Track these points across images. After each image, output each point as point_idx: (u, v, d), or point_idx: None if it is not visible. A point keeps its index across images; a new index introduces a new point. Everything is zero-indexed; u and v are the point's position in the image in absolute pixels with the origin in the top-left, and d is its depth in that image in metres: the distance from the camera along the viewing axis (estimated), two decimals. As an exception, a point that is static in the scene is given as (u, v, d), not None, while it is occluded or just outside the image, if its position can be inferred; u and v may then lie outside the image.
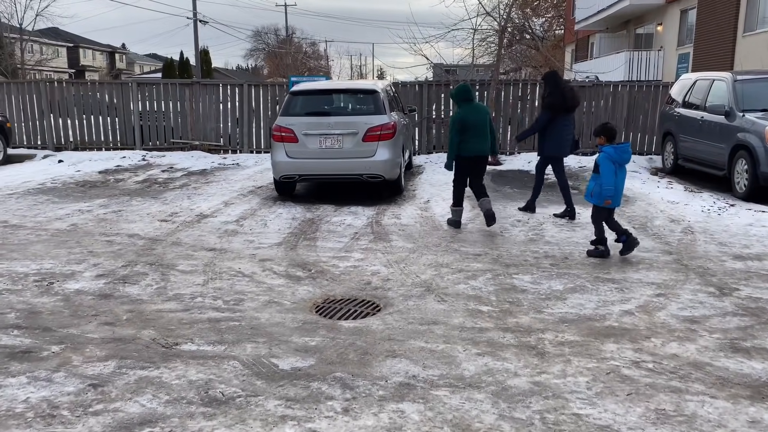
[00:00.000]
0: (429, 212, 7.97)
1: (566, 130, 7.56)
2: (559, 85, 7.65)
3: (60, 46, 65.72)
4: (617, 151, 5.76)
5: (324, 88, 9.11)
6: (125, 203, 8.51)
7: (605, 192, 5.73)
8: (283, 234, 6.87)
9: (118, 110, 14.47)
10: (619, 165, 5.75)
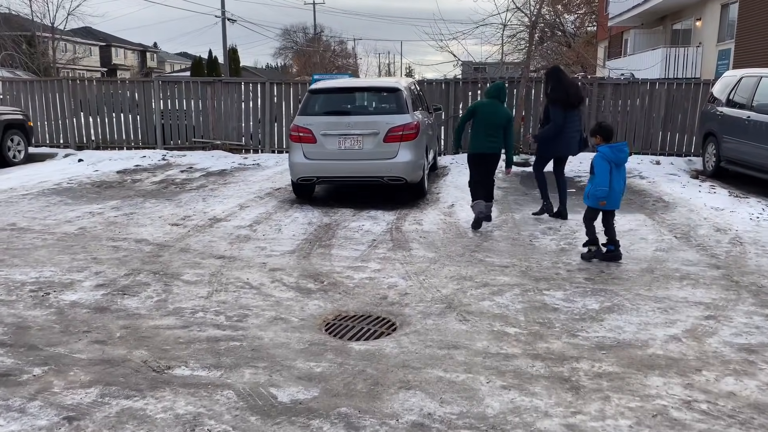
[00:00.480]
0: (453, 218, 7.51)
1: (571, 128, 7.16)
2: (561, 81, 7.24)
3: (92, 45, 66.70)
4: (613, 150, 5.52)
5: (344, 86, 8.71)
6: (138, 205, 8.23)
7: (599, 192, 5.53)
8: (297, 240, 6.49)
9: (139, 109, 14.29)
10: (616, 165, 5.53)
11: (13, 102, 14.55)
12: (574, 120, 7.19)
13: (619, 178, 5.59)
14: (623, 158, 5.56)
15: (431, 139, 9.57)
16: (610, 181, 5.51)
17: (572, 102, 7.12)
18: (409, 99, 8.36)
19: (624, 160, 5.58)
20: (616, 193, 5.61)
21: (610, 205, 5.64)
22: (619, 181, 5.59)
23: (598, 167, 5.56)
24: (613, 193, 5.57)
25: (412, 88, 9.14)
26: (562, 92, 7.10)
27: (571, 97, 7.11)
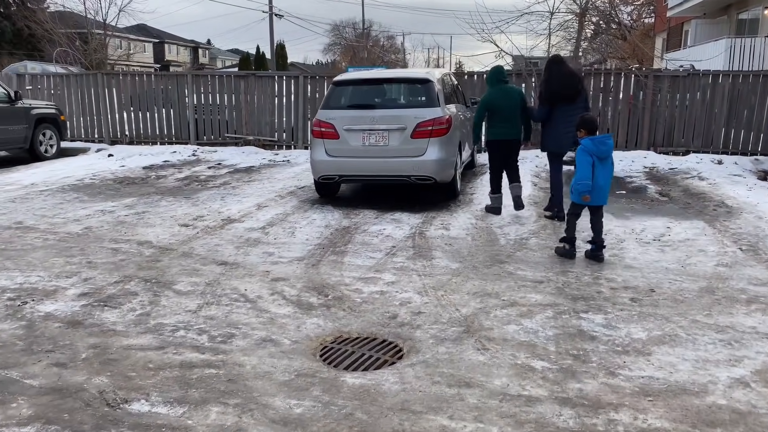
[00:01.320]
0: (485, 221, 6.81)
1: (566, 123, 6.60)
2: (552, 73, 6.87)
3: (146, 42, 68.16)
4: (595, 143, 5.29)
5: (370, 78, 8.08)
6: (153, 203, 7.82)
7: (580, 187, 5.28)
8: (309, 245, 5.92)
9: (173, 103, 14.03)
10: (600, 158, 5.28)
11: (50, 96, 14.53)
12: (569, 114, 6.56)
13: (604, 173, 5.32)
14: (605, 151, 5.30)
15: (467, 135, 8.86)
16: (593, 176, 5.23)
17: (563, 95, 6.71)
18: (440, 91, 7.68)
19: (607, 153, 5.31)
20: (601, 188, 5.33)
21: (595, 200, 5.36)
22: (604, 176, 5.33)
23: (579, 161, 5.31)
24: (597, 188, 5.29)
25: (445, 80, 8.45)
26: (554, 84, 6.76)
27: (563, 90, 6.71)
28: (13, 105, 11.47)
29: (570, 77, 6.82)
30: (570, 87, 6.73)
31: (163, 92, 14.13)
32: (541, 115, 6.97)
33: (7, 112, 11.31)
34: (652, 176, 9.90)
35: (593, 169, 5.25)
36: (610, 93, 12.18)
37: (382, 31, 70.72)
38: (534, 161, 11.13)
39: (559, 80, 6.78)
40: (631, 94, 12.03)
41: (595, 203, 5.40)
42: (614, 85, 12.12)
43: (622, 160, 10.98)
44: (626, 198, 8.18)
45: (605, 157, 5.33)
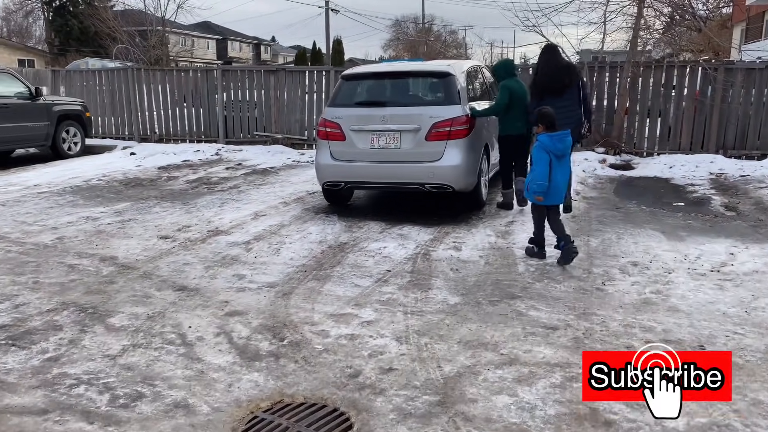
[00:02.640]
0: (507, 240, 5.77)
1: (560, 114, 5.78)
2: (541, 63, 6.64)
3: (210, 39, 69.38)
4: (552, 139, 4.94)
5: (382, 71, 7.12)
6: (145, 210, 7.15)
7: (535, 186, 4.96)
8: (290, 267, 5.06)
9: (202, 99, 13.49)
10: (557, 156, 4.95)
11: (81, 93, 14.28)
12: (564, 106, 6.19)
13: (561, 171, 5.02)
14: (563, 149, 4.97)
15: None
16: (550, 174, 4.91)
17: (551, 87, 6.37)
18: (463, 87, 6.66)
19: (564, 151, 5.00)
20: (557, 187, 5.01)
21: (550, 200, 5.04)
22: (562, 175, 5.03)
23: (536, 158, 4.99)
24: (554, 187, 4.97)
25: (472, 74, 7.41)
26: (539, 76, 6.53)
27: (551, 82, 6.39)
28: (34, 101, 11.13)
29: (559, 69, 6.52)
30: (557, 80, 6.40)
31: (193, 89, 13.62)
32: (531, 108, 6.35)
33: (26, 108, 10.98)
34: (718, 185, 8.55)
35: (550, 167, 4.91)
36: (673, 88, 10.79)
37: (444, 25, 69.34)
38: (582, 165, 9.92)
39: (548, 72, 6.49)
40: (697, 89, 10.60)
41: (550, 203, 5.08)
42: (677, 80, 10.72)
43: (684, 165, 9.65)
44: (683, 212, 6.94)
45: (562, 155, 5.00)
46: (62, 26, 49.93)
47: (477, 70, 7.78)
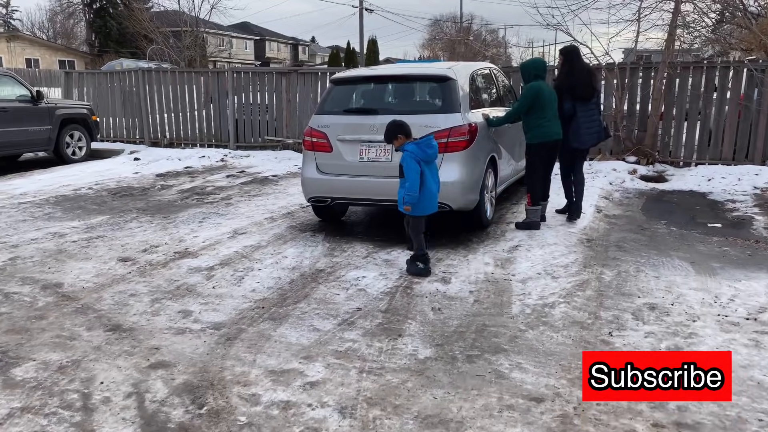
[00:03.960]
0: (505, 270, 4.99)
1: (587, 119, 6.30)
2: (574, 68, 6.36)
3: (248, 39, 69.84)
4: (421, 146, 4.83)
5: (375, 75, 6.41)
6: (119, 226, 6.60)
7: (409, 199, 4.78)
8: (248, 301, 4.40)
9: (213, 102, 13.02)
10: (426, 162, 4.84)
11: (93, 95, 13.97)
12: (590, 110, 6.31)
13: (434, 177, 4.92)
14: (432, 154, 4.86)
15: (512, 146, 7.00)
16: (423, 183, 4.79)
17: (577, 95, 6.23)
18: (466, 93, 5.91)
19: (434, 156, 4.88)
20: (431, 195, 4.87)
21: (424, 209, 4.87)
22: (435, 180, 4.92)
23: (407, 169, 4.77)
24: (428, 195, 4.84)
25: (478, 78, 6.63)
26: (573, 78, 6.26)
27: (577, 90, 6.23)
28: (36, 105, 10.78)
29: (590, 74, 6.45)
30: (588, 85, 6.27)
31: (204, 91, 13.16)
32: (567, 111, 6.23)
33: (27, 112, 10.64)
34: (763, 201, 7.58)
35: (422, 176, 4.76)
36: (714, 91, 9.78)
37: (484, 24, 68.17)
38: (609, 176, 9.03)
39: (579, 77, 6.28)
40: (741, 92, 9.58)
41: (419, 213, 4.87)
42: (719, 82, 9.70)
43: (724, 178, 8.67)
44: (720, 235, 6.04)
45: (431, 161, 4.86)
46: (101, 28, 50.66)
47: (488, 74, 6.98)
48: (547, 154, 6.21)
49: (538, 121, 5.99)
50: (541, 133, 6.07)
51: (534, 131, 6.06)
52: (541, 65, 6.22)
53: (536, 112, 5.95)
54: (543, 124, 6.03)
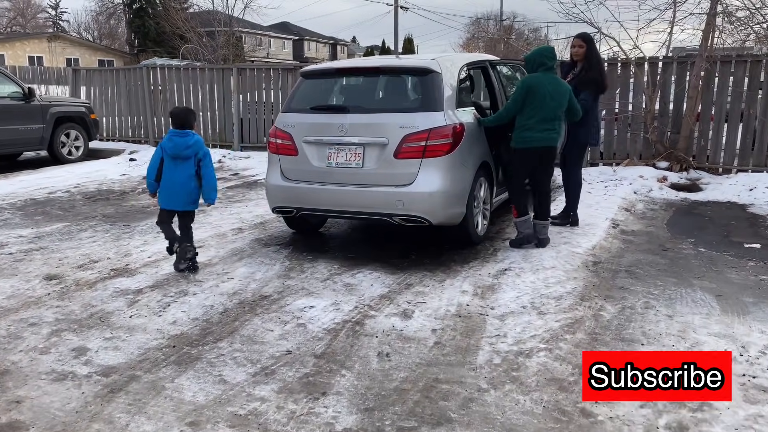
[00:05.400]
0: (484, 301, 4.12)
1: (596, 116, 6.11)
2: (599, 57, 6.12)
3: (286, 39, 70.02)
4: (168, 136, 4.63)
5: (347, 67, 5.58)
6: (71, 235, 5.96)
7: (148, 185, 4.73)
8: (160, 337, 3.65)
9: (218, 101, 12.41)
10: (170, 156, 4.57)
11: (95, 94, 13.54)
12: (595, 108, 5.98)
13: (176, 174, 4.60)
14: (172, 147, 4.57)
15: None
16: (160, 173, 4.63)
17: (604, 88, 5.94)
18: (452, 88, 5.05)
19: (176, 151, 4.56)
20: (168, 189, 4.65)
21: (166, 203, 4.68)
22: (175, 176, 4.60)
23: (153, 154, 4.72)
24: (164, 188, 4.65)
25: (473, 71, 5.75)
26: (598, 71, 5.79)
27: (604, 81, 5.93)
28: (28, 102, 10.32)
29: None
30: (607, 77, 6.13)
31: (209, 88, 12.55)
32: (587, 105, 5.61)
33: (17, 110, 10.18)
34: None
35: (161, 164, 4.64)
36: (760, 89, 8.64)
37: (527, 23, 66.61)
38: (635, 183, 8.01)
39: (602, 68, 5.99)
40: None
41: (168, 207, 4.70)
42: (766, 78, 8.56)
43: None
44: (757, 259, 5.02)
45: (176, 156, 4.56)
46: (140, 27, 51.24)
47: (485, 67, 6.08)
48: (524, 161, 5.23)
49: (522, 121, 5.09)
50: (520, 138, 5.16)
51: (515, 133, 5.19)
52: (548, 53, 5.26)
53: (526, 111, 5.05)
54: (527, 127, 5.09)
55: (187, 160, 4.59)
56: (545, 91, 5.01)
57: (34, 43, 45.96)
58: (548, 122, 5.05)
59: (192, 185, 4.64)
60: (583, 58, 5.80)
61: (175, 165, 4.59)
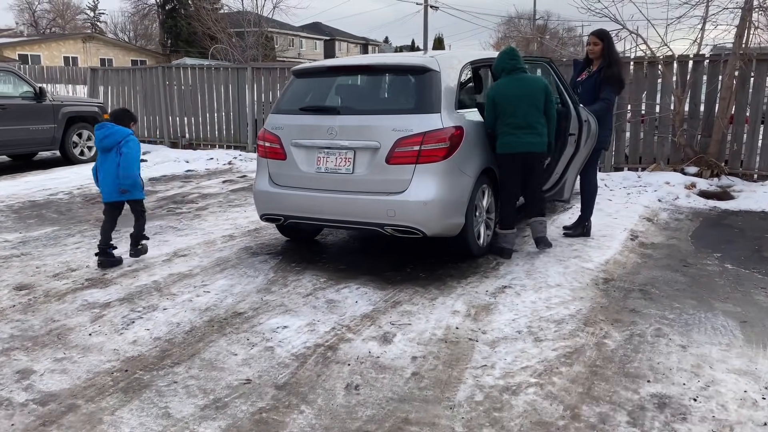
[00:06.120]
0: (477, 324, 3.72)
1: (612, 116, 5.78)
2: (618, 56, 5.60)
3: (317, 39, 70.25)
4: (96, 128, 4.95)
5: (340, 65, 5.20)
6: (56, 240, 5.74)
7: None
8: (115, 359, 3.35)
9: (233, 101, 12.19)
10: (101, 150, 4.88)
11: (113, 93, 13.46)
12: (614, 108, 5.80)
13: (104, 166, 4.86)
14: (99, 140, 4.82)
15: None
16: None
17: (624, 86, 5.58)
18: (451, 88, 4.65)
19: (102, 144, 4.81)
20: (102, 182, 4.89)
21: (105, 196, 4.93)
22: (104, 169, 4.86)
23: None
24: (101, 182, 4.91)
25: (477, 70, 5.33)
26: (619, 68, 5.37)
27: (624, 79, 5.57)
28: (39, 102, 10.23)
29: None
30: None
31: (224, 88, 12.35)
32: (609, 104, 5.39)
33: (28, 109, 10.09)
34: None
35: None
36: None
37: (561, 21, 65.45)
38: (660, 190, 7.49)
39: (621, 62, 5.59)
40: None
41: (104, 199, 4.98)
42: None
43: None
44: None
45: (105, 149, 4.83)
46: (172, 28, 51.80)
47: (487, 66, 5.64)
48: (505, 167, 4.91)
49: (500, 127, 4.79)
50: (501, 143, 4.84)
51: (497, 139, 4.86)
52: (506, 55, 4.95)
53: (500, 120, 4.77)
54: (506, 132, 4.79)
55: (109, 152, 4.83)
56: (511, 95, 4.69)
57: (69, 43, 46.73)
58: (527, 126, 4.72)
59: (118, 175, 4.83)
60: (600, 55, 5.38)
61: (104, 158, 4.86)
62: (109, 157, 4.80)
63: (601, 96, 5.35)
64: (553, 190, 5.64)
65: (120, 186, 4.80)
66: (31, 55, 43.07)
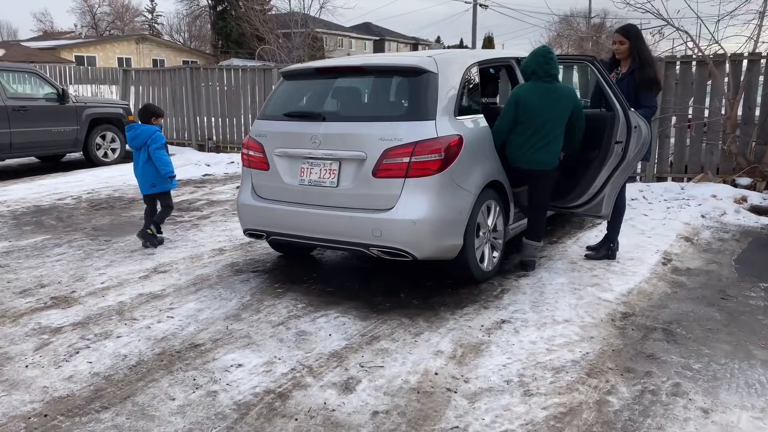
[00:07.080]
0: (461, 369, 3.17)
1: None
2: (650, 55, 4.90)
3: (367, 40, 70.31)
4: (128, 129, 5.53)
5: (329, 66, 4.69)
6: (40, 252, 5.46)
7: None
8: (41, 400, 2.96)
9: (259, 103, 11.88)
10: (133, 149, 5.47)
11: (143, 95, 13.37)
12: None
13: (139, 164, 5.47)
14: (131, 138, 5.40)
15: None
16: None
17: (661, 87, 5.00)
18: (450, 93, 4.11)
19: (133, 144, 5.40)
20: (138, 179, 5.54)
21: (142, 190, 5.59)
22: (140, 167, 5.48)
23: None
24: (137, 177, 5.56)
25: (484, 72, 4.76)
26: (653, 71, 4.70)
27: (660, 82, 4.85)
28: (62, 104, 10.14)
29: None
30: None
31: (251, 90, 12.06)
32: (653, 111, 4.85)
33: (51, 111, 10.00)
34: None
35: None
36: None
37: (619, 20, 63.42)
38: (705, 204, 6.73)
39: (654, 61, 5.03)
40: None
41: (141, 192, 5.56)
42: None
43: None
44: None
45: (136, 148, 5.39)
46: (222, 29, 52.51)
47: (509, 66, 5.06)
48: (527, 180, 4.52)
49: (516, 137, 4.20)
50: (516, 156, 4.39)
51: (510, 150, 4.35)
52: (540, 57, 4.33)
53: (518, 127, 4.26)
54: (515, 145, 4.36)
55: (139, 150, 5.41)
56: (536, 105, 4.11)
57: (123, 45, 47.87)
58: (544, 145, 4.22)
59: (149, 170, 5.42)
60: (628, 55, 4.72)
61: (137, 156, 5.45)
62: (141, 155, 5.39)
63: (642, 104, 4.68)
64: (590, 204, 4.87)
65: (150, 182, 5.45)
66: (87, 56, 44.25)
